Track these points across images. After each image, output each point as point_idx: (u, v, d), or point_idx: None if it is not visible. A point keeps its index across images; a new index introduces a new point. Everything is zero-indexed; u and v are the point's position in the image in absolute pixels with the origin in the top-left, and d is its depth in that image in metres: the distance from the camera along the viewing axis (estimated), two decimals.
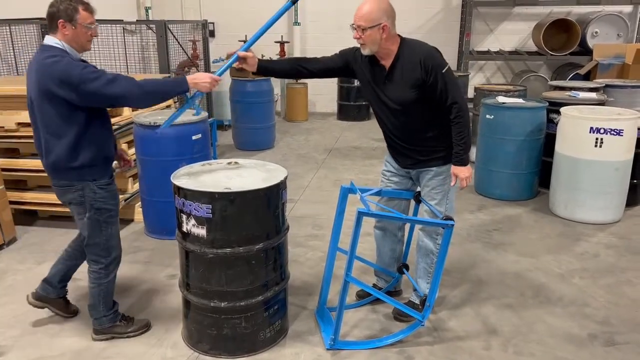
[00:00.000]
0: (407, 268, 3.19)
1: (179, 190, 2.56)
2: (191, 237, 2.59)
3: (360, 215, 2.58)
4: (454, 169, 2.77)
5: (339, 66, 2.91)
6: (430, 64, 2.59)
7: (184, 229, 2.61)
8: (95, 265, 2.77)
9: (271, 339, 2.80)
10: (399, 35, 2.71)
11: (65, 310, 3.07)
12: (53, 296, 3.01)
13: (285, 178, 2.70)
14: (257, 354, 2.75)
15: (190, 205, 2.52)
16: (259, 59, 2.93)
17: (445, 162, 2.82)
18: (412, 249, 3.24)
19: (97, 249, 2.74)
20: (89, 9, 2.54)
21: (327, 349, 2.78)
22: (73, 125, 2.50)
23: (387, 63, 2.71)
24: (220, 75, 2.72)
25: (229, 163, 2.93)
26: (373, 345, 2.82)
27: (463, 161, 2.74)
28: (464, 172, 2.75)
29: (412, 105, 2.69)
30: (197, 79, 2.61)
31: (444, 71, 2.60)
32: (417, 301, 3.07)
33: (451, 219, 2.67)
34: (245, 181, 2.63)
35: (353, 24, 2.68)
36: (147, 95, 2.51)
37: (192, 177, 2.69)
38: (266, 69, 2.98)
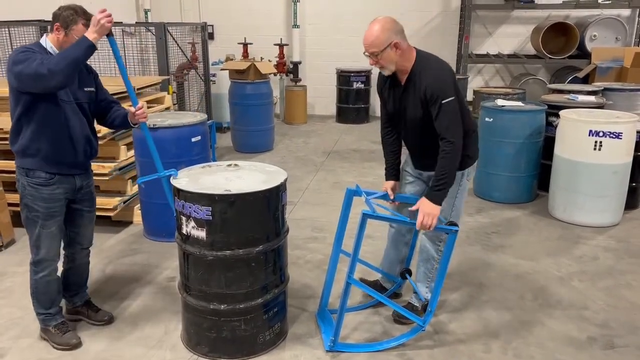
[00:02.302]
0: (410, 273, 3.17)
1: (179, 192, 2.55)
2: (191, 240, 2.58)
3: (365, 217, 2.58)
4: (421, 201, 2.63)
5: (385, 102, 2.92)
6: (432, 93, 2.55)
7: (184, 231, 2.60)
8: (30, 257, 2.79)
9: (271, 341, 2.79)
10: (415, 49, 2.70)
11: (94, 317, 3.04)
12: (76, 305, 3.06)
13: (285, 180, 2.70)
14: (256, 357, 2.74)
15: (190, 208, 2.51)
16: (389, 176, 3.02)
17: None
18: (416, 253, 3.23)
19: (29, 242, 2.76)
20: (87, 25, 2.53)
21: (327, 351, 2.78)
22: (18, 107, 2.57)
23: (403, 78, 2.72)
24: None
25: (229, 165, 2.93)
26: (373, 349, 2.82)
27: (434, 198, 2.59)
28: (429, 209, 2.57)
29: (423, 120, 2.68)
30: (93, 26, 2.46)
31: (443, 102, 2.53)
32: (416, 304, 3.07)
33: (455, 225, 2.66)
34: (245, 183, 2.63)
35: (365, 52, 2.65)
36: (58, 63, 2.40)
37: (192, 179, 2.69)
38: (397, 171, 3.04)
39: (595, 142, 4.33)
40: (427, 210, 2.58)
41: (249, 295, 2.63)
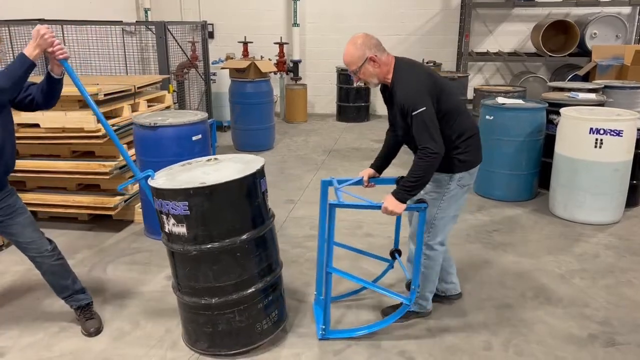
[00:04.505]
0: (400, 253, 3.19)
1: (156, 191, 2.55)
2: (173, 237, 2.58)
3: (332, 207, 2.66)
4: (386, 196, 2.66)
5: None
6: (403, 105, 2.60)
7: (166, 230, 2.60)
8: None
9: (269, 329, 2.77)
10: (395, 59, 2.72)
11: (82, 326, 2.98)
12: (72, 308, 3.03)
13: (262, 167, 2.67)
14: (257, 354, 2.74)
15: (167, 205, 2.50)
16: (372, 165, 3.04)
17: (443, 170, 2.76)
18: (402, 235, 3.24)
19: None
20: None
21: (320, 339, 2.82)
22: None
23: (389, 88, 2.76)
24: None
25: (208, 160, 2.92)
26: (363, 332, 2.89)
27: (398, 195, 2.61)
28: (392, 206, 2.62)
29: (407, 129, 2.68)
30: (33, 40, 2.46)
31: (413, 114, 2.55)
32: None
33: (424, 202, 2.69)
34: (221, 175, 2.60)
35: (349, 72, 2.77)
36: (6, 82, 2.45)
37: (169, 177, 2.68)
38: (383, 165, 3.05)
39: (596, 139, 4.32)
40: (390, 207, 2.63)
41: (239, 285, 2.61)
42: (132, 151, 4.38)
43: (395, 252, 3.19)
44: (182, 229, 2.52)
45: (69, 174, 4.25)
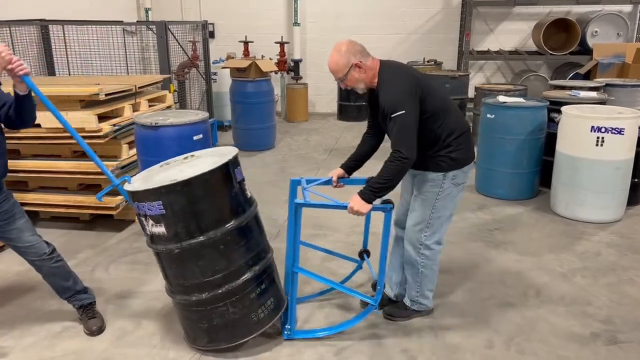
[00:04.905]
0: (368, 254, 3.20)
1: (131, 194, 2.54)
2: (155, 238, 2.57)
3: (298, 206, 2.69)
4: (353, 196, 2.65)
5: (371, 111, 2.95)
6: (384, 107, 2.61)
7: (147, 232, 2.59)
8: None
9: (266, 317, 2.75)
10: (380, 62, 2.72)
11: (84, 325, 2.99)
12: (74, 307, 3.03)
13: (235, 157, 2.64)
14: (258, 353, 2.75)
15: (143, 207, 2.49)
16: (342, 165, 3.03)
17: (436, 170, 2.76)
18: (372, 235, 3.25)
19: None
20: None
21: (285, 340, 2.84)
22: None
23: (375, 91, 2.76)
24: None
25: (186, 158, 2.90)
26: (329, 332, 2.90)
27: (364, 196, 2.61)
28: (357, 205, 2.61)
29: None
30: None
31: (392, 116, 2.55)
32: (408, 303, 3.07)
33: (390, 203, 2.69)
34: (196, 170, 2.56)
35: (335, 79, 2.78)
36: None
37: (146, 179, 2.67)
38: (354, 166, 3.04)
39: (597, 138, 4.32)
40: (355, 208, 2.62)
41: (227, 278, 2.59)
42: (133, 151, 4.39)
43: (364, 253, 3.20)
44: (161, 229, 2.51)
45: (70, 174, 4.26)
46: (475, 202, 5.04)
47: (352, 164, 3.03)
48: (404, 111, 2.55)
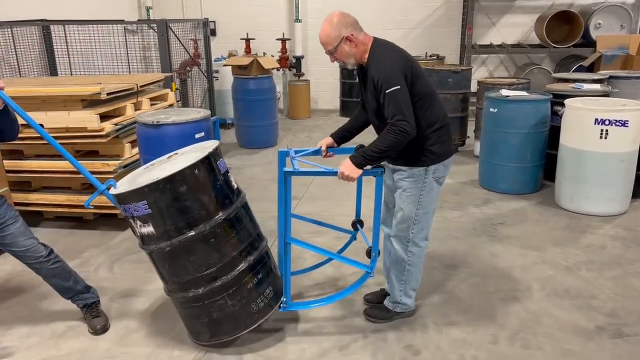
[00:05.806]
0: (362, 224, 3.16)
1: (116, 198, 2.53)
2: (145, 239, 2.57)
3: (287, 174, 2.67)
4: (343, 161, 2.63)
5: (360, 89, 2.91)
6: (377, 83, 2.55)
7: (138, 233, 2.59)
8: None
9: (267, 306, 2.74)
10: (373, 39, 2.68)
11: (88, 324, 3.00)
12: (78, 306, 3.03)
13: (215, 149, 2.62)
14: (263, 349, 2.75)
15: (130, 208, 2.49)
16: (332, 134, 3.01)
17: (417, 164, 2.71)
18: (364, 206, 3.20)
19: None
20: None
21: (280, 312, 2.85)
22: None
23: (364, 67, 2.71)
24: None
25: (169, 157, 2.89)
26: (323, 303, 2.92)
27: (357, 161, 2.59)
28: (348, 170, 2.60)
29: (379, 111, 2.64)
30: None
31: (387, 91, 2.51)
32: (390, 306, 3.02)
33: (381, 167, 2.67)
34: (177, 167, 2.53)
35: (325, 52, 2.70)
36: None
37: (130, 182, 2.66)
38: (345, 137, 3.01)
39: (601, 130, 4.29)
40: (346, 172, 2.61)
41: (221, 270, 2.58)
42: (136, 150, 4.39)
43: (357, 223, 3.16)
44: (149, 229, 2.51)
45: (74, 174, 4.26)
46: (479, 197, 5.02)
47: (343, 134, 2.99)
48: (398, 86, 2.51)
